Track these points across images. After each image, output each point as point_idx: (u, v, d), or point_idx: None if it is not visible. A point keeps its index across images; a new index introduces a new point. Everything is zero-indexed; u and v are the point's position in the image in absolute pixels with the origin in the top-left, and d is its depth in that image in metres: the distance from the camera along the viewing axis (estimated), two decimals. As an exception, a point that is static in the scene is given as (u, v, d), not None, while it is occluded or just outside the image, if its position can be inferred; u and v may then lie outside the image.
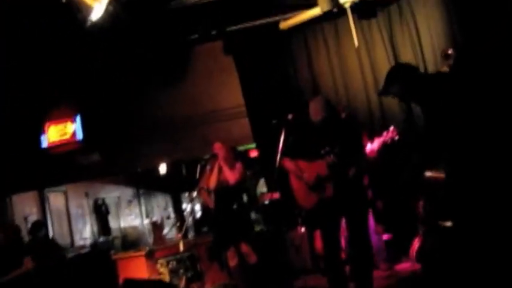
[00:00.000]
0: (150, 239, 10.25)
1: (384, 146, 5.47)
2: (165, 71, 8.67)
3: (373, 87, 7.71)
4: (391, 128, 5.34)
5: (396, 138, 5.41)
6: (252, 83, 8.20)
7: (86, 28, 6.05)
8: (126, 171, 11.05)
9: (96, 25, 6.05)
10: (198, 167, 6.71)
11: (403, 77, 4.37)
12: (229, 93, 8.56)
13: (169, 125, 8.99)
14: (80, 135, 9.41)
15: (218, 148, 6.72)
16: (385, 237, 7.05)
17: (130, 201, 13.28)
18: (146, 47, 8.26)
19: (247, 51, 8.25)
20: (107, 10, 6.06)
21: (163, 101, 8.98)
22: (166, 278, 7.65)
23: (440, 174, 4.97)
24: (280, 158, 5.26)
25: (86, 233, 11.30)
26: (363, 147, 5.20)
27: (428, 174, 5.32)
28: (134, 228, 12.80)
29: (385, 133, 5.42)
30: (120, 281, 7.38)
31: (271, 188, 7.15)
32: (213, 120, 8.76)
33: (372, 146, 5.61)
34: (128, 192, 13.31)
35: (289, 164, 5.26)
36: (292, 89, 7.94)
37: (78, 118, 9.41)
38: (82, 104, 9.34)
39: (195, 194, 6.81)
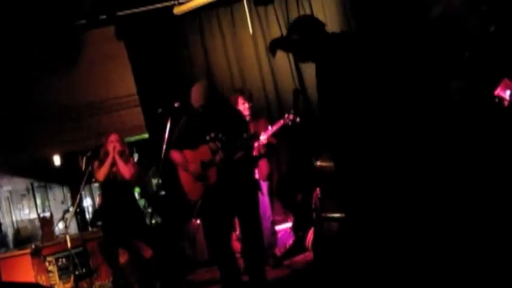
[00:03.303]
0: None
1: (284, 128, 5.43)
2: (53, 57, 8.16)
3: (269, 74, 7.66)
4: (292, 112, 5.30)
5: (298, 120, 5.39)
6: (144, 70, 7.86)
7: None
8: (11, 163, 10.36)
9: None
10: (84, 158, 6.32)
11: (306, 26, 4.15)
12: (122, 81, 8.22)
13: (59, 115, 8.55)
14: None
15: (115, 140, 6.38)
16: (288, 225, 7.00)
17: (23, 195, 12.62)
18: (31, 31, 7.73)
19: (139, 37, 7.91)
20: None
21: (52, 89, 8.47)
22: (56, 276, 7.24)
23: (330, 163, 4.90)
24: (166, 150, 5.04)
25: (-30, 231, 10.58)
26: (248, 132, 5.03)
27: (318, 163, 5.25)
28: (28, 224, 12.16)
29: (286, 115, 5.39)
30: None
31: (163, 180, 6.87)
32: (105, 110, 8.43)
33: (271, 129, 5.56)
34: (20, 185, 12.56)
35: (176, 156, 5.04)
36: (186, 76, 7.66)
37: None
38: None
39: (81, 187, 6.41)
